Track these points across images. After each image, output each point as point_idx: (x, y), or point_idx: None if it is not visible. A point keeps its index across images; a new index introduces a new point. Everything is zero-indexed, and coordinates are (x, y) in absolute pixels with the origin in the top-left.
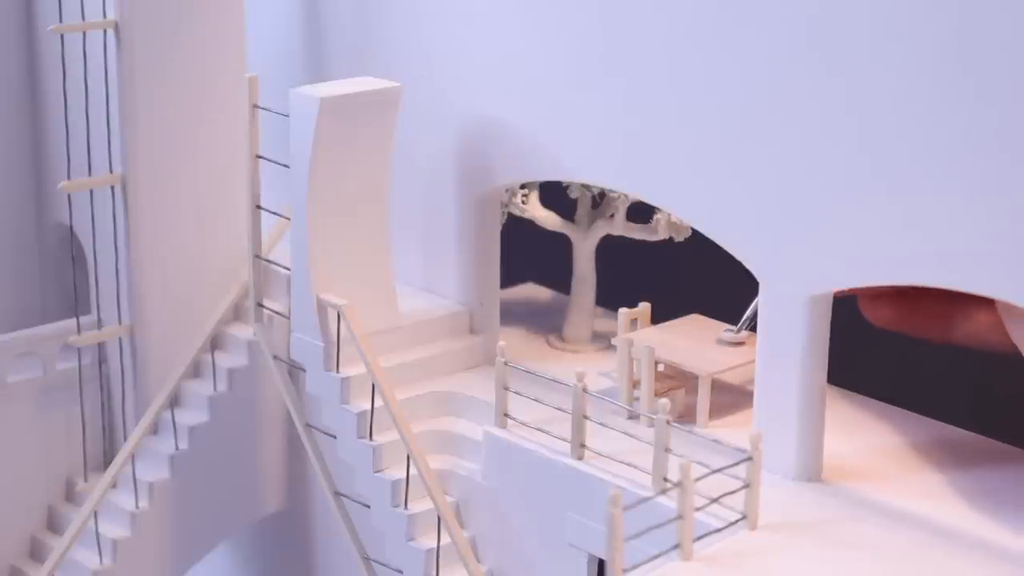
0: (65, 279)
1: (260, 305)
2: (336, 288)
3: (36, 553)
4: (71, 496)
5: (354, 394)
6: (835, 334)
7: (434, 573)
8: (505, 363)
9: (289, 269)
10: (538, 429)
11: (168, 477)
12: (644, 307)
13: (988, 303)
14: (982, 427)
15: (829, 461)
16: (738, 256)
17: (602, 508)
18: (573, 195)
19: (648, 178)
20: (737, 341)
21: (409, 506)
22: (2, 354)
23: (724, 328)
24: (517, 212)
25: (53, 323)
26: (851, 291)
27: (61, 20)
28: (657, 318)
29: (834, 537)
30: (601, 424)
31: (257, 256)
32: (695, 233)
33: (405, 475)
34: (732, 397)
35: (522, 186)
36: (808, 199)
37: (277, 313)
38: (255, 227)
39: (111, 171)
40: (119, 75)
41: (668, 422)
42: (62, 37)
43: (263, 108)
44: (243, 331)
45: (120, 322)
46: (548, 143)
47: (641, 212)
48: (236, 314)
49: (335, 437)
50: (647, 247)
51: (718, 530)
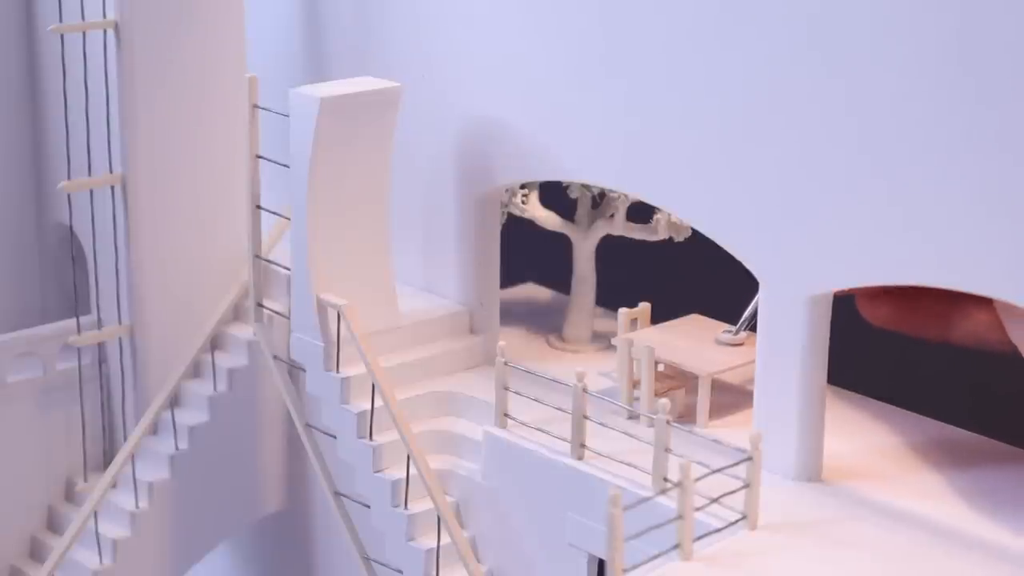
0: (65, 279)
1: (260, 305)
2: (336, 288)
3: (36, 553)
4: (71, 496)
5: (354, 394)
6: (834, 334)
7: (434, 573)
8: (505, 363)
9: (289, 269)
10: (538, 429)
11: (168, 477)
12: (644, 307)
13: (986, 302)
14: (981, 427)
15: (829, 461)
16: (738, 256)
17: (602, 508)
18: (573, 195)
19: (648, 178)
20: (736, 342)
21: (409, 506)
22: (2, 354)
23: (724, 328)
24: (517, 212)
25: (53, 323)
26: (849, 290)
27: (61, 20)
28: (657, 318)
29: (834, 537)
30: (601, 424)
31: (257, 256)
32: (695, 233)
33: (405, 475)
34: (732, 397)
35: (522, 186)
36: (808, 199)
37: (277, 313)
38: (255, 227)
39: (111, 171)
40: (119, 75)
41: (668, 422)
42: (62, 37)
43: (263, 108)
44: (243, 331)
45: (120, 322)
46: (548, 143)
47: (641, 212)
48: (236, 314)
49: (335, 437)
50: (647, 247)
51: (718, 530)
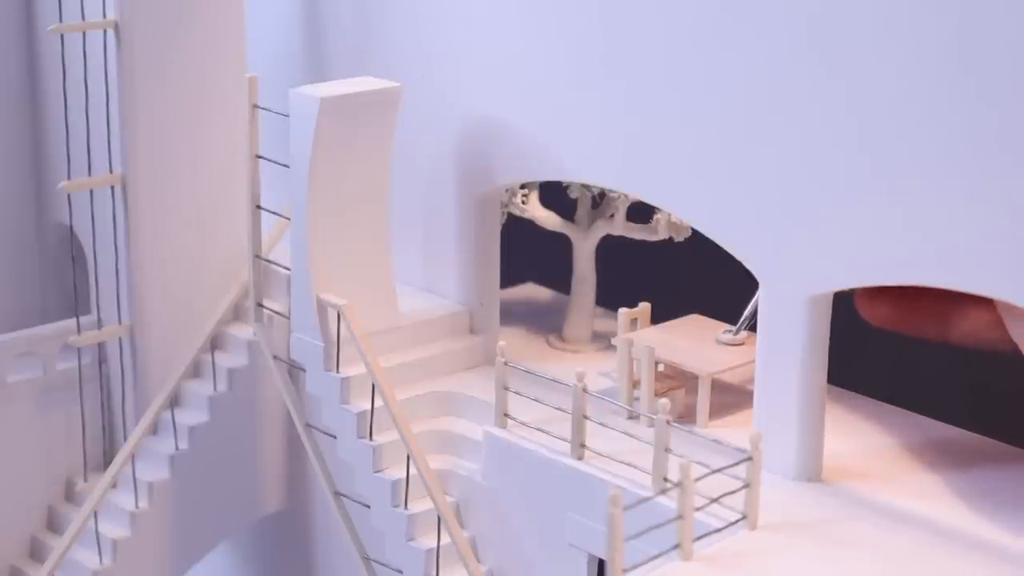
0: (65, 279)
1: (260, 305)
2: (336, 288)
3: (36, 553)
4: (71, 496)
5: (354, 394)
6: (834, 334)
7: (434, 573)
8: (505, 363)
9: (289, 269)
10: (538, 429)
11: (168, 477)
12: (644, 307)
13: (986, 302)
14: (981, 427)
15: (829, 461)
16: (738, 256)
17: (602, 508)
18: (573, 195)
19: (648, 178)
20: (736, 342)
21: (409, 506)
22: (2, 354)
23: (724, 328)
24: (517, 212)
25: (53, 323)
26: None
27: (61, 20)
28: (657, 318)
29: (834, 537)
30: (601, 424)
31: (257, 256)
32: (695, 233)
33: (405, 475)
34: (732, 397)
35: (522, 186)
36: (808, 199)
37: (277, 313)
38: (255, 227)
39: (111, 171)
40: (119, 75)
41: (668, 422)
42: (62, 37)
43: (263, 108)
44: (243, 331)
45: (120, 322)
46: (548, 143)
47: (641, 212)
48: (236, 314)
49: (335, 437)
50: (647, 247)
51: (718, 530)
